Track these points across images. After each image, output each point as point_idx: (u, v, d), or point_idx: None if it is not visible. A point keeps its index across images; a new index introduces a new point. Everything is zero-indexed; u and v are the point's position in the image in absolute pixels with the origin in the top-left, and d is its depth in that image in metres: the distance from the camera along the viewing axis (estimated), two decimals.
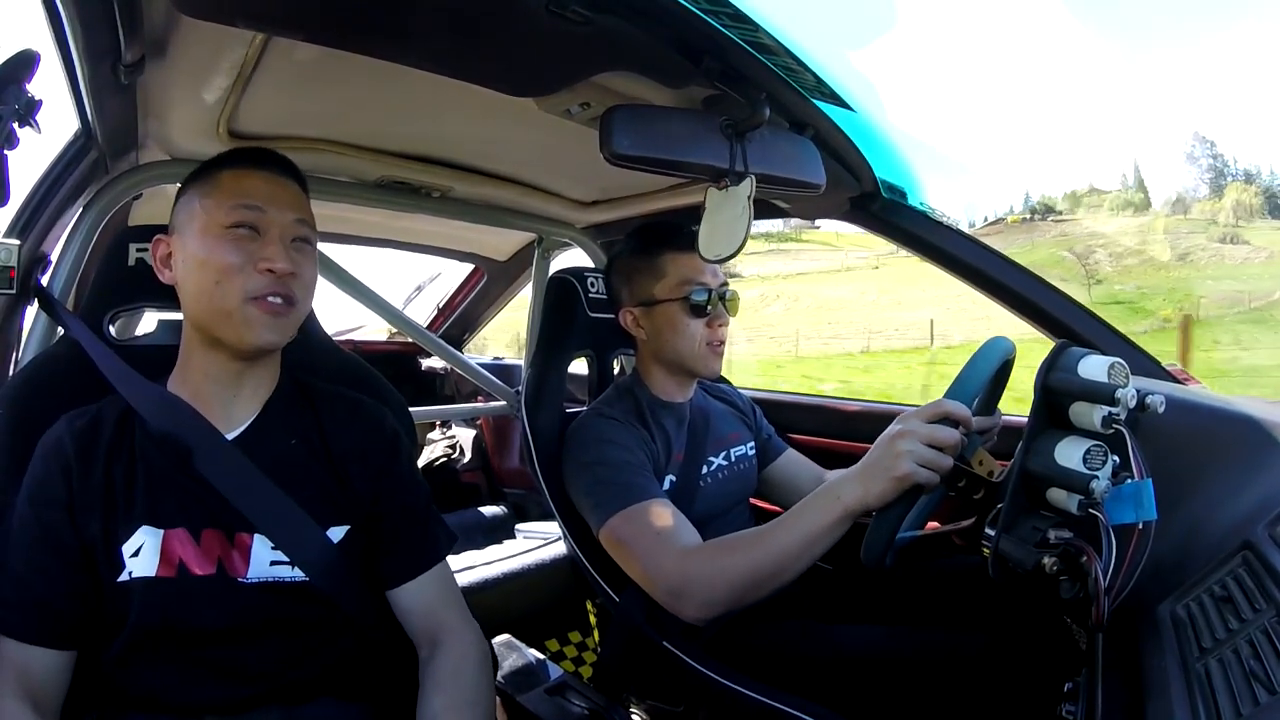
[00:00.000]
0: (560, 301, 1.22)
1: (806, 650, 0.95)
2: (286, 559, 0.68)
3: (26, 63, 0.66)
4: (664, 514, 0.91)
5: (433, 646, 0.73)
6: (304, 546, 0.69)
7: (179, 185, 0.75)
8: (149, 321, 0.89)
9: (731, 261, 0.81)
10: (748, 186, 0.75)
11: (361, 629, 0.72)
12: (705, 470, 1.08)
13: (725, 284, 1.08)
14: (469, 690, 0.70)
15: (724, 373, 1.23)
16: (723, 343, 1.08)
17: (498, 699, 0.88)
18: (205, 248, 0.68)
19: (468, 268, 2.18)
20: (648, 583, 0.89)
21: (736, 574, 0.82)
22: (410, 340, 2.21)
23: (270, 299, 0.68)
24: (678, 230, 1.10)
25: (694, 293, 1.05)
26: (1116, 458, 0.64)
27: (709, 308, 1.05)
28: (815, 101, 0.83)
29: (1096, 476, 0.62)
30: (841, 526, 0.77)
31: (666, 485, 1.02)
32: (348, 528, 0.72)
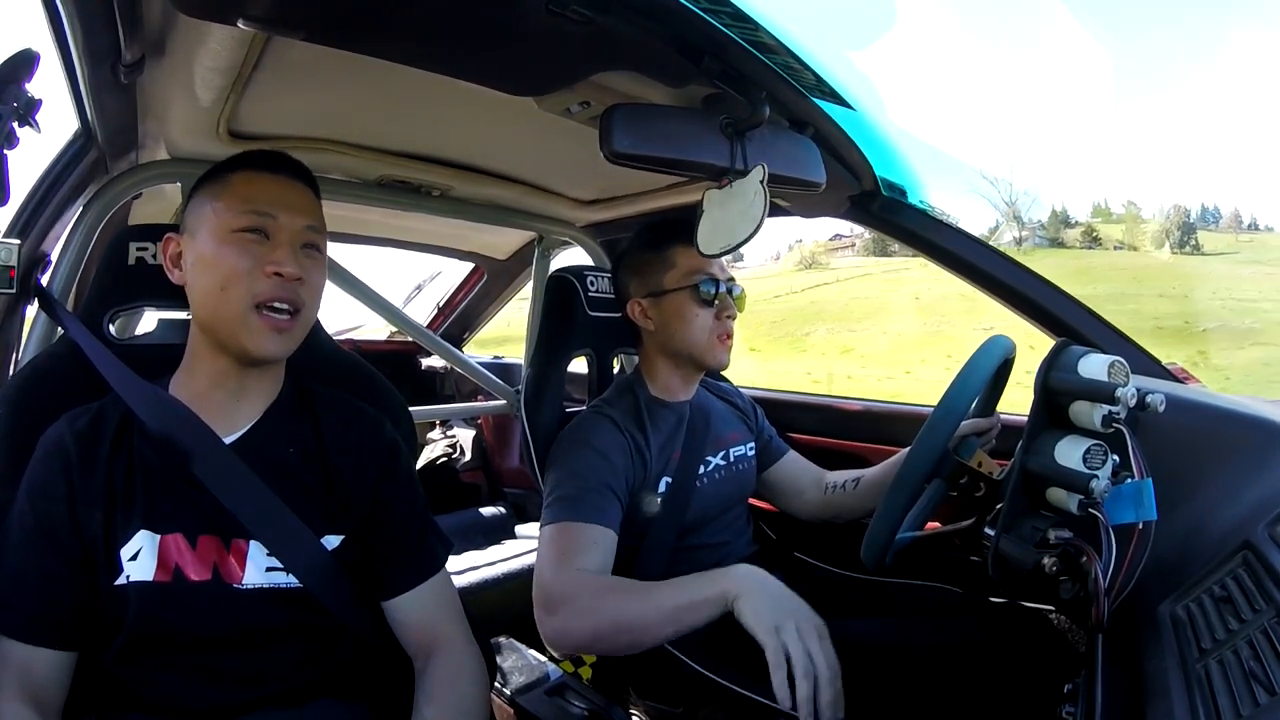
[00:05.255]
0: (560, 300, 1.22)
1: None
2: (281, 565, 0.68)
3: (26, 63, 0.66)
4: (591, 539, 0.90)
5: (428, 657, 0.72)
6: (299, 553, 0.68)
7: (191, 185, 0.75)
8: (149, 321, 0.89)
9: None
10: (760, 173, 0.75)
11: (358, 635, 0.72)
12: (703, 470, 1.08)
13: (732, 279, 1.09)
14: (462, 701, 0.69)
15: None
16: (730, 336, 1.09)
17: (498, 699, 0.88)
18: (213, 251, 0.68)
19: (468, 266, 2.18)
20: (534, 588, 0.88)
21: (604, 609, 0.81)
22: (410, 340, 2.21)
23: (275, 311, 0.68)
24: (687, 225, 1.10)
25: (703, 283, 1.05)
26: (1116, 457, 0.64)
27: (716, 299, 1.06)
28: (815, 100, 0.83)
29: (1096, 476, 0.62)
30: (712, 611, 0.74)
31: (662, 486, 1.02)
32: (343, 536, 0.72)
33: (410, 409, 0.95)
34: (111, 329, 0.83)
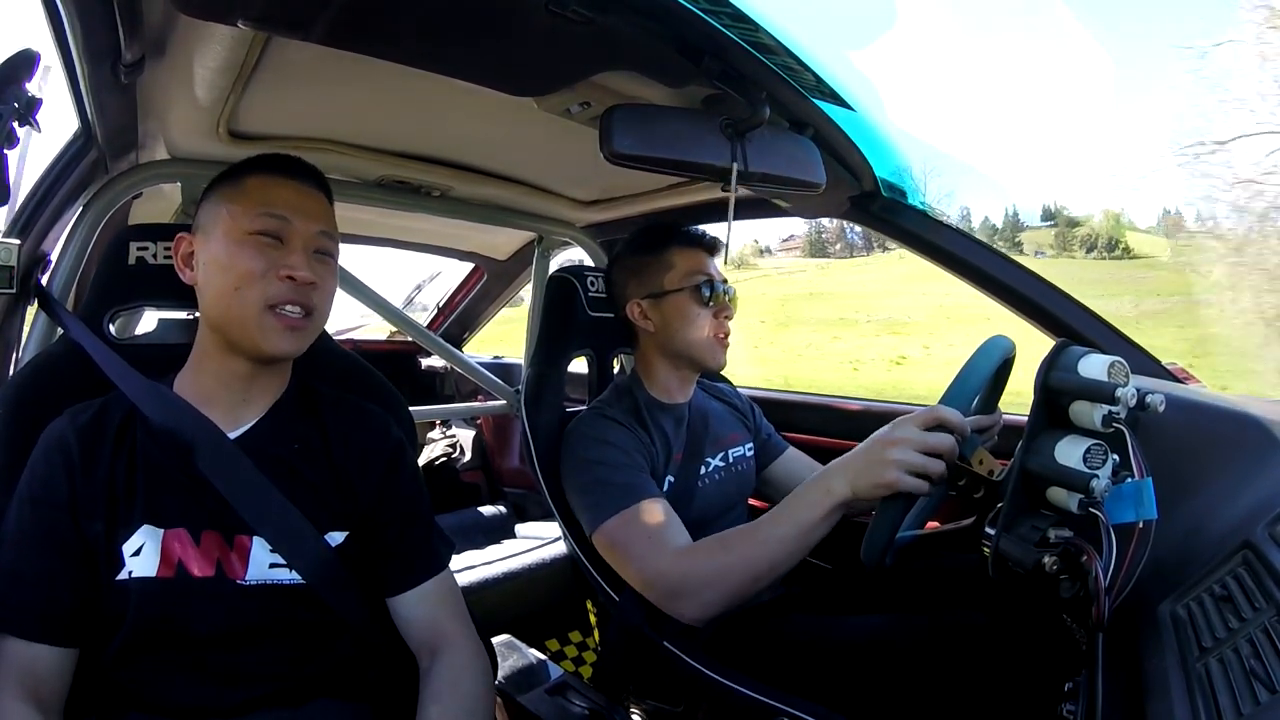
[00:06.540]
0: (560, 300, 1.22)
1: (808, 639, 0.95)
2: (284, 562, 0.68)
3: (26, 63, 0.66)
4: (659, 515, 0.91)
5: (433, 656, 0.72)
6: (302, 550, 0.68)
7: (192, 184, 0.75)
8: (149, 320, 0.89)
9: None
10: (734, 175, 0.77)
11: (360, 633, 0.72)
12: (703, 471, 1.08)
13: (725, 280, 1.11)
14: (466, 700, 0.69)
15: None
16: (727, 335, 1.10)
17: (499, 699, 0.88)
18: (228, 252, 0.68)
19: (468, 267, 2.18)
20: (644, 585, 0.89)
21: (734, 571, 0.82)
22: (410, 340, 2.21)
23: (289, 311, 0.69)
24: (681, 228, 1.14)
25: (702, 284, 1.08)
26: (1116, 457, 0.64)
27: (714, 299, 1.08)
28: (815, 101, 0.83)
29: (1096, 475, 0.62)
30: (832, 518, 0.79)
31: (665, 487, 1.02)
32: (346, 533, 0.72)
33: (410, 409, 0.95)
34: (111, 329, 0.83)
